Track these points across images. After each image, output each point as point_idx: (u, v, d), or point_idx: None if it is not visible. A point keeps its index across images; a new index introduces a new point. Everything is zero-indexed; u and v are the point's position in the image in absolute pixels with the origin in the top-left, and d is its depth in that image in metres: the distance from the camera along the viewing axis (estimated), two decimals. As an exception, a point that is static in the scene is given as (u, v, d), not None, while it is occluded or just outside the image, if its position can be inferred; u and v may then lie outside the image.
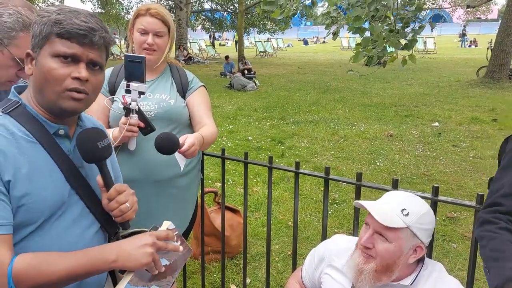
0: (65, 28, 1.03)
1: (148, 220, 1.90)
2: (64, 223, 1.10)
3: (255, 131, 7.59)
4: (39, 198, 1.04)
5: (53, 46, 1.04)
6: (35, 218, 1.04)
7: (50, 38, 1.04)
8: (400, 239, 1.34)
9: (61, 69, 1.04)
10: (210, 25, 33.11)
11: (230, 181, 5.03)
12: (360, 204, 1.42)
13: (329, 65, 20.12)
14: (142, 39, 1.88)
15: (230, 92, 12.19)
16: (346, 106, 9.83)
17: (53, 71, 1.04)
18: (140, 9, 1.90)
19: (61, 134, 1.12)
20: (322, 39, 46.96)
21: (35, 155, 1.06)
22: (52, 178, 1.08)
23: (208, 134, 1.91)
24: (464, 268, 3.15)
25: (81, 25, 1.04)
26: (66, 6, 1.08)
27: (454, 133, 7.21)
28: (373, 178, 5.15)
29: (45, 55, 1.05)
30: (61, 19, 1.03)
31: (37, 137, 1.07)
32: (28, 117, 1.08)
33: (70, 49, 1.04)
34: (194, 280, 3.03)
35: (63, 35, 1.04)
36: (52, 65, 1.04)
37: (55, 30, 1.03)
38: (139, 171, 1.85)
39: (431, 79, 14.15)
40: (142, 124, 1.76)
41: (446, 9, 22.62)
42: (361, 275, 1.36)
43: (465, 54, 25.26)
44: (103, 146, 1.13)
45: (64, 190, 1.10)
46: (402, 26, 3.94)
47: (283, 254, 3.44)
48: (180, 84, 2.00)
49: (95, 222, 1.18)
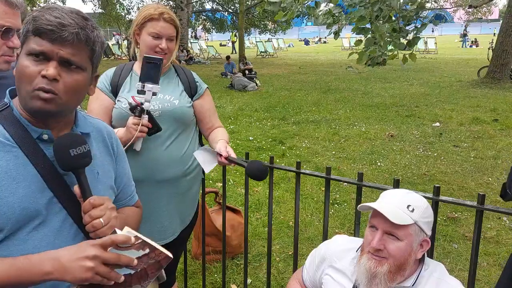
0: (36, 24, 0.99)
1: (149, 220, 1.91)
2: (42, 234, 1.03)
3: (256, 131, 7.59)
4: (3, 203, 0.98)
5: (28, 44, 1.01)
6: (1, 224, 0.98)
7: (27, 36, 1.01)
8: (410, 236, 1.35)
9: (31, 67, 1.00)
10: (211, 25, 33.13)
11: (231, 181, 5.03)
12: (367, 206, 1.42)
13: (330, 65, 20.12)
14: (155, 43, 1.86)
15: (231, 92, 12.20)
16: (347, 106, 9.83)
17: (24, 69, 1.00)
18: (153, 13, 1.86)
19: (44, 139, 1.06)
20: (323, 39, 46.97)
21: (10, 159, 1.01)
22: (26, 184, 1.02)
23: (227, 137, 2.04)
24: (465, 268, 3.14)
25: (50, 21, 0.98)
26: (53, 5, 1.04)
27: (455, 133, 7.21)
28: (374, 178, 5.15)
29: (22, 54, 1.02)
30: (36, 16, 1.00)
31: (18, 142, 1.03)
32: (12, 120, 1.05)
33: (40, 46, 0.99)
34: (195, 280, 3.03)
35: (35, 32, 0.99)
36: (24, 63, 1.01)
37: (30, 28, 1.00)
38: (141, 171, 1.85)
39: (432, 79, 14.14)
40: (149, 125, 1.79)
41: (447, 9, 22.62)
42: (376, 278, 1.35)
43: (466, 54, 25.24)
44: (76, 154, 1.04)
45: (41, 198, 1.03)
46: (404, 24, 3.94)
47: (284, 254, 3.43)
48: (188, 85, 2.00)
49: (79, 233, 1.10)
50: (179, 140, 1.94)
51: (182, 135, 1.95)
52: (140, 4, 28.09)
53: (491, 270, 3.16)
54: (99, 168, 1.18)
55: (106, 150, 1.24)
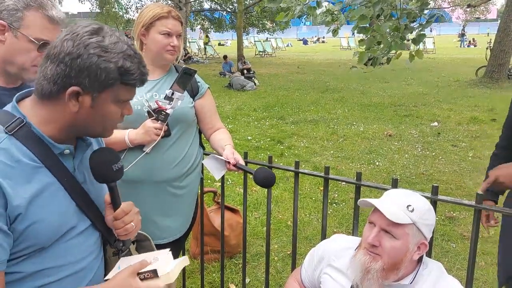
0: (135, 79, 1.04)
1: (148, 220, 1.91)
2: (76, 241, 1.11)
3: (255, 131, 7.59)
4: (45, 225, 1.01)
5: (117, 92, 1.03)
6: (43, 242, 1.03)
7: (114, 85, 1.02)
8: (406, 236, 1.34)
9: (118, 114, 1.08)
10: (210, 24, 33.09)
11: (229, 180, 5.03)
12: (366, 201, 1.42)
13: (328, 65, 20.12)
14: (167, 41, 1.87)
15: (229, 92, 12.19)
16: (346, 105, 9.83)
17: (113, 115, 1.07)
18: (161, 12, 1.87)
19: (66, 154, 1.09)
20: (322, 39, 46.99)
21: (41, 179, 1.02)
22: (58, 200, 1.06)
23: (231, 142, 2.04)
24: (463, 267, 3.15)
25: (144, 73, 1.05)
26: (131, 51, 1.03)
27: (453, 133, 7.22)
28: (373, 178, 5.15)
29: (107, 100, 1.03)
30: (130, 68, 1.01)
31: (43, 160, 1.03)
32: (33, 139, 1.03)
33: (131, 94, 1.08)
34: (193, 280, 3.03)
35: (132, 84, 1.05)
36: (113, 110, 1.06)
37: (124, 79, 1.02)
38: (141, 172, 1.85)
39: (430, 79, 14.16)
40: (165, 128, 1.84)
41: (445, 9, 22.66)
42: (368, 274, 1.36)
43: (464, 54, 25.28)
44: (117, 169, 1.13)
45: (69, 208, 1.09)
46: (409, 21, 3.93)
47: (282, 253, 3.44)
48: (190, 85, 2.00)
49: (98, 236, 1.20)
50: (180, 141, 1.94)
51: (183, 135, 1.95)
52: (139, 4, 28.06)
53: (489, 269, 3.16)
54: None
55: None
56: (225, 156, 1.89)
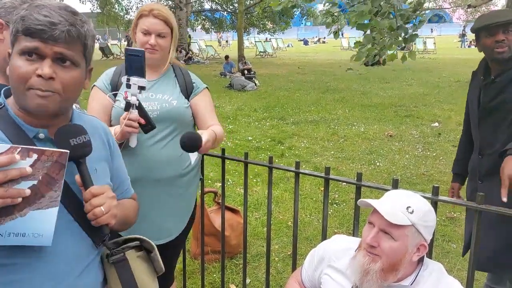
0: (25, 24, 0.99)
1: (146, 219, 1.91)
2: None
3: (255, 131, 7.59)
4: None
5: (19, 43, 1.01)
6: None
7: (17, 36, 1.01)
8: (405, 237, 1.34)
9: (25, 67, 1.00)
10: (210, 25, 33.11)
11: (230, 181, 5.03)
12: (365, 202, 1.42)
13: (329, 65, 20.12)
14: (145, 39, 1.87)
15: (229, 92, 12.19)
16: (346, 106, 9.83)
17: (19, 69, 1.00)
18: (143, 10, 1.89)
19: (41, 138, 1.07)
20: (323, 40, 46.98)
21: None
22: None
23: (219, 133, 1.96)
24: (464, 268, 3.15)
25: (40, 20, 0.98)
26: (40, 2, 1.02)
27: (454, 133, 7.21)
28: (373, 178, 5.15)
29: (14, 54, 1.02)
30: (24, 16, 0.99)
31: (15, 142, 1.02)
32: (8, 120, 1.05)
33: (32, 45, 0.99)
34: (193, 280, 3.03)
35: (25, 32, 0.99)
36: (18, 63, 1.01)
37: (19, 28, 1.00)
38: (139, 170, 1.85)
39: (431, 79, 14.15)
40: (142, 121, 1.75)
41: (446, 9, 22.61)
42: (368, 275, 1.35)
43: (465, 54, 25.26)
44: (76, 143, 1.06)
45: None
46: (404, 22, 3.94)
47: (283, 254, 3.44)
48: (184, 85, 2.00)
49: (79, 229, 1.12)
50: (177, 140, 1.93)
51: (180, 135, 1.95)
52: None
53: (490, 270, 3.16)
54: (97, 164, 1.19)
55: (103, 147, 1.25)
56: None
